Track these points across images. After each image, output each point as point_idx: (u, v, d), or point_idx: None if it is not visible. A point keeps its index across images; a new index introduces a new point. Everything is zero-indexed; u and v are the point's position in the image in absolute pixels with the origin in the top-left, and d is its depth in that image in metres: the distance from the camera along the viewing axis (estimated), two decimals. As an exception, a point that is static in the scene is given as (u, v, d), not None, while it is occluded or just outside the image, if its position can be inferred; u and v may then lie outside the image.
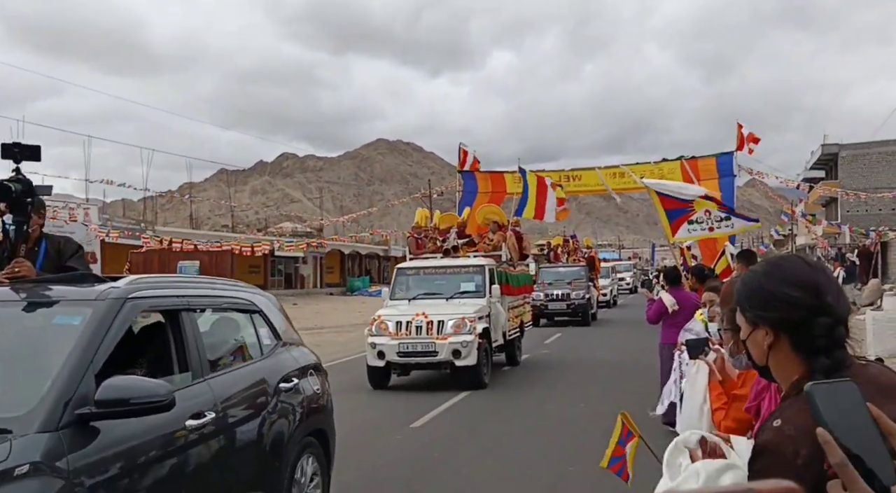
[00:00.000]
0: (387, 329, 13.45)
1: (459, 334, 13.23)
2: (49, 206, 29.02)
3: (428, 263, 15.20)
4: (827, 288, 1.74)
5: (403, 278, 15.02)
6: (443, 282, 14.80)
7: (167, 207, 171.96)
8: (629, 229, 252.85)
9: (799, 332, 1.73)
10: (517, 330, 16.47)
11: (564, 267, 28.35)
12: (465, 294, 14.50)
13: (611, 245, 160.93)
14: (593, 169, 19.96)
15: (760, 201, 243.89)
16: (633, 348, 18.11)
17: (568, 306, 26.02)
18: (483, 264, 14.79)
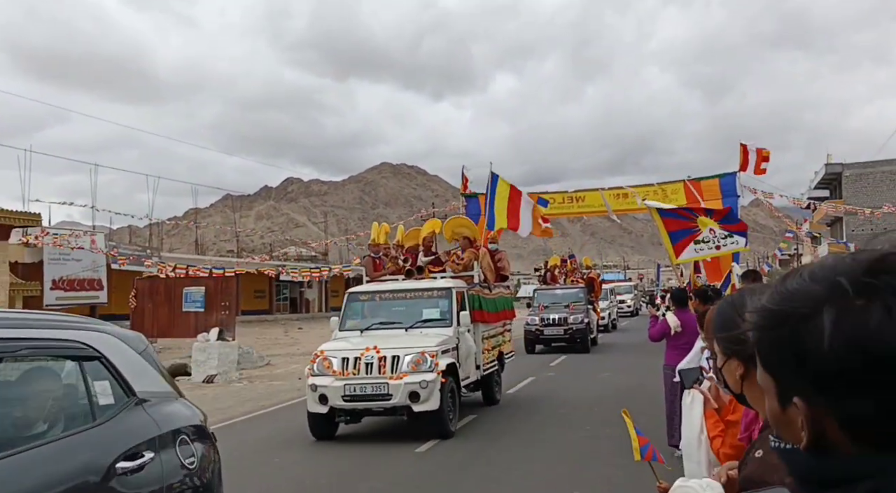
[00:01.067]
0: (330, 367, 11.06)
1: (418, 371, 10.84)
2: (56, 234, 26.96)
3: (384, 286, 12.74)
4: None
5: (355, 305, 12.63)
6: (402, 309, 12.43)
7: (173, 233, 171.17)
8: (634, 250, 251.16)
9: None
10: (494, 363, 13.99)
11: (562, 289, 25.91)
12: (428, 323, 12.20)
13: (616, 266, 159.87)
14: (597, 190, 19.74)
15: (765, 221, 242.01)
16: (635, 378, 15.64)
17: (565, 332, 23.58)
18: (449, 287, 12.39)
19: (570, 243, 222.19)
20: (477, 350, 13.22)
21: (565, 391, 15.55)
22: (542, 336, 23.81)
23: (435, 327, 12.04)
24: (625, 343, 27.45)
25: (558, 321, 23.63)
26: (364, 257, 14.59)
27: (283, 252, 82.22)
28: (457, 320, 12.14)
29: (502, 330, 15.08)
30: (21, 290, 28.64)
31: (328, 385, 10.98)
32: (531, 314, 24.58)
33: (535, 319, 23.91)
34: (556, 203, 20.04)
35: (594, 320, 25.99)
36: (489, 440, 11.02)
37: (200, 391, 17.81)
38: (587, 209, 20.58)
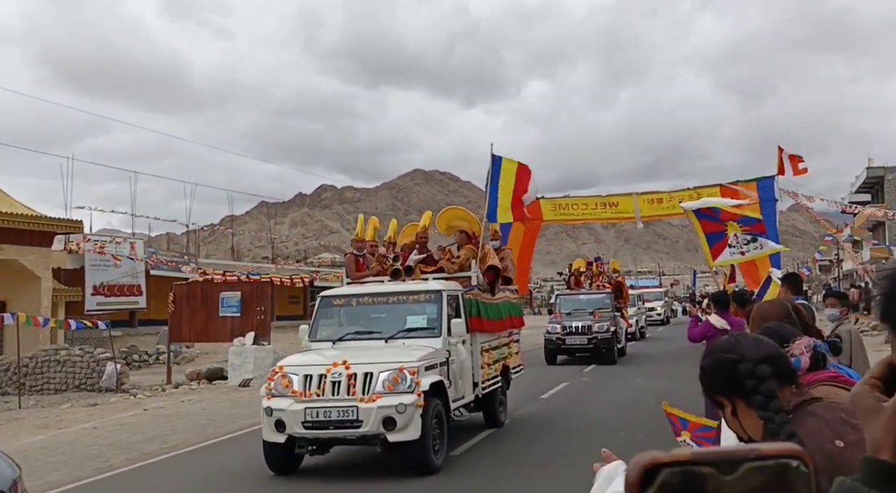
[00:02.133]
0: (290, 387, 9.07)
1: (395, 392, 8.87)
2: (97, 240, 27.61)
3: (363, 289, 10.73)
4: (742, 346, 1.97)
5: (328, 312, 10.70)
6: (382, 316, 10.49)
7: (209, 239, 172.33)
8: (669, 256, 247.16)
9: (739, 388, 1.91)
10: (497, 380, 11.90)
11: (586, 294, 23.62)
12: (412, 333, 10.27)
13: (651, 272, 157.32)
14: (630, 195, 19.24)
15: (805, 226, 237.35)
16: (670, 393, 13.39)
17: (589, 341, 21.33)
18: (439, 290, 10.41)
19: (605, 250, 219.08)
20: (475, 365, 11.17)
21: (581, 412, 13.41)
22: (563, 346, 21.63)
23: (420, 338, 10.11)
24: (656, 353, 25.11)
25: (581, 329, 21.44)
26: (346, 254, 12.55)
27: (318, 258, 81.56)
28: (447, 329, 10.10)
29: (508, 341, 13.00)
30: (63, 295, 29.07)
31: (286, 409, 9.06)
32: (552, 322, 22.44)
33: (556, 327, 21.73)
34: (589, 208, 19.89)
35: (622, 328, 23.71)
36: (485, 474, 8.99)
37: (237, 395, 17.90)
38: (621, 215, 19.97)
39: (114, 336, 23.32)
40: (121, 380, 20.46)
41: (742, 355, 1.92)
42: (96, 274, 31.58)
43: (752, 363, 1.90)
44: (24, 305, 24.07)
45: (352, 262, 12.02)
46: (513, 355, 13.24)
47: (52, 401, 18.63)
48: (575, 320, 21.68)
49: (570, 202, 22.07)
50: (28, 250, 25.19)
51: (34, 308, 24.16)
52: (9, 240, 24.40)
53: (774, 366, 1.92)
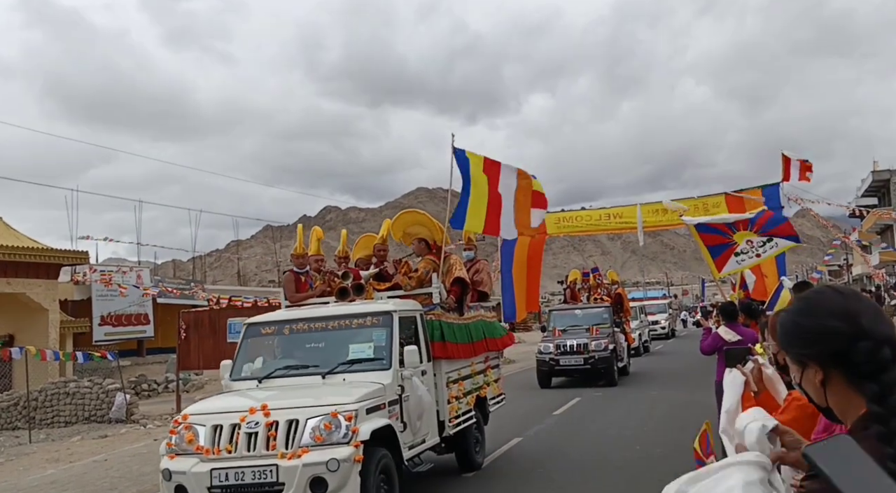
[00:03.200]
0: (195, 441, 7.10)
1: (326, 444, 6.96)
2: (103, 271, 30.10)
3: (298, 314, 8.78)
4: (861, 313, 1.69)
5: (256, 342, 8.79)
6: (320, 346, 8.49)
7: (215, 265, 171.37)
8: (677, 266, 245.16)
9: (845, 362, 1.67)
10: (469, 414, 9.94)
11: (581, 309, 21.53)
12: (355, 365, 8.36)
13: (659, 283, 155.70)
14: (634, 206, 19.09)
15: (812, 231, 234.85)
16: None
17: (586, 361, 19.20)
18: (389, 312, 8.51)
19: (612, 261, 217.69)
20: (439, 399, 9.24)
21: (573, 450, 11.38)
22: (557, 367, 19.50)
23: (366, 371, 8.16)
24: (662, 371, 23.03)
25: (577, 348, 19.33)
26: (285, 272, 10.60)
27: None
28: (395, 360, 8.13)
29: (484, 367, 11.04)
30: (71, 326, 28.97)
31: (188, 471, 7.18)
32: (545, 340, 20.22)
33: (550, 346, 19.60)
34: (594, 220, 19.91)
35: (623, 345, 21.55)
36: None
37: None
38: (625, 226, 19.80)
39: (122, 366, 22.73)
40: (130, 410, 19.88)
41: (863, 328, 1.64)
42: (103, 304, 31.42)
43: (876, 343, 1.63)
44: (31, 337, 24.01)
45: (291, 281, 10.10)
46: (491, 383, 11.27)
47: (62, 434, 18.37)
48: (570, 338, 19.61)
49: (574, 215, 21.72)
50: (35, 282, 25.16)
51: (42, 341, 24.08)
52: (15, 273, 24.48)
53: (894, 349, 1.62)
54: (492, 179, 10.19)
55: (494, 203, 10.20)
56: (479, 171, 10.07)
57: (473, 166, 9.98)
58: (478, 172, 10.04)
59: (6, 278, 24.21)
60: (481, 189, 10.04)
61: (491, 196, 10.16)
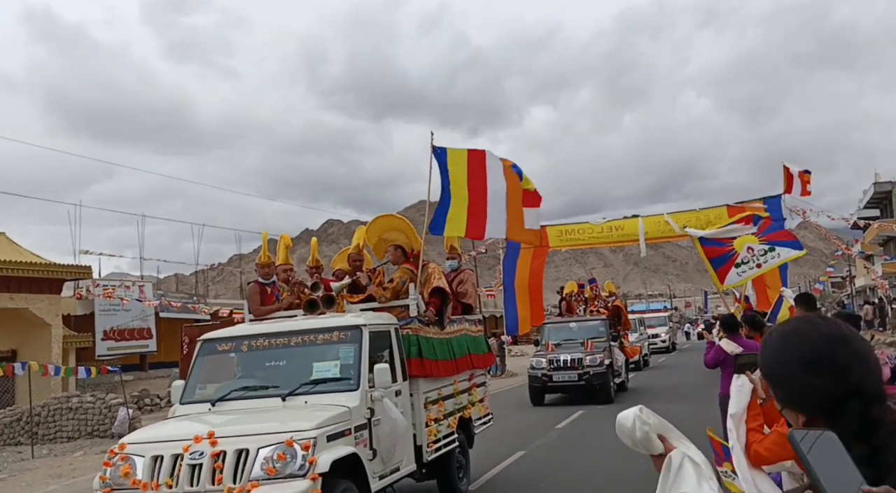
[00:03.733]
0: (131, 474, 6.32)
1: (279, 477, 6.20)
2: (106, 286, 30.48)
3: (258, 328, 7.99)
4: (850, 364, 1.55)
5: (211, 360, 7.93)
6: (281, 364, 7.67)
7: (218, 279, 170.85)
8: (679, 278, 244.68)
9: (831, 416, 1.54)
10: (451, 437, 9.16)
11: (577, 322, 20.51)
12: (320, 386, 7.50)
13: (661, 295, 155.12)
14: (636, 218, 18.90)
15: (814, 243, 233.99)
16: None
17: (580, 377, 18.21)
18: (358, 326, 7.74)
19: (614, 274, 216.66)
20: (416, 422, 8.44)
21: (571, 464, 10.56)
22: (550, 383, 18.54)
23: (331, 392, 7.35)
24: (662, 387, 22.11)
25: (571, 363, 18.35)
26: (249, 283, 9.81)
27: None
28: (367, 379, 7.32)
29: (468, 386, 10.23)
30: (74, 341, 28.97)
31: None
32: (537, 355, 19.28)
33: (542, 361, 18.65)
34: (595, 233, 19.39)
35: (620, 361, 20.61)
36: None
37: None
38: (627, 238, 19.32)
39: (125, 381, 22.86)
40: (133, 425, 19.40)
41: (852, 385, 1.52)
42: (106, 319, 31.58)
43: (866, 402, 1.52)
44: (34, 352, 24.19)
45: (255, 293, 9.31)
46: (476, 403, 10.46)
47: (64, 449, 18.38)
48: (563, 353, 18.63)
49: (576, 228, 21.12)
50: (38, 297, 25.42)
51: (45, 356, 24.13)
52: (19, 288, 24.79)
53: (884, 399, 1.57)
54: (475, 174, 9.37)
55: (478, 201, 9.37)
56: (461, 168, 9.27)
57: (453, 165, 9.19)
58: (458, 170, 9.24)
59: (9, 293, 24.46)
60: (461, 187, 9.24)
61: (473, 194, 9.33)
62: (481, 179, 9.37)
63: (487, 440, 11.65)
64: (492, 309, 72.58)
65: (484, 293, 61.93)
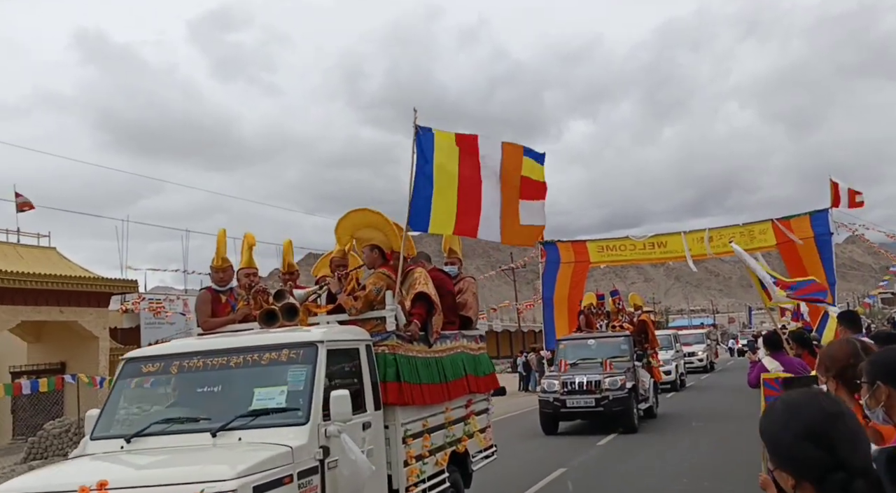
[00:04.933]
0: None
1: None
2: (151, 299, 32.42)
3: (190, 345, 6.56)
4: (841, 440, 1.77)
5: (133, 385, 6.45)
6: (215, 390, 6.20)
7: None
8: (722, 293, 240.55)
9: (819, 483, 1.76)
10: (441, 477, 7.67)
11: (595, 339, 18.40)
12: (260, 418, 6.07)
13: (704, 310, 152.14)
14: (678, 234, 19.53)
15: (863, 258, 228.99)
16: None
17: (597, 402, 16.16)
18: (312, 343, 6.39)
19: (655, 289, 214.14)
20: (393, 461, 6.94)
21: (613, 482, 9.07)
22: (563, 409, 16.51)
23: (273, 426, 5.92)
24: (699, 411, 20.11)
25: (587, 387, 16.32)
26: (201, 290, 8.35)
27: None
28: (320, 410, 5.87)
29: (465, 413, 8.71)
30: (120, 354, 30.99)
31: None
32: (549, 377, 17.34)
33: (554, 383, 16.66)
34: (637, 249, 20.17)
35: (647, 383, 18.64)
36: None
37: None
38: (670, 255, 20.21)
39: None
40: None
41: (839, 459, 1.75)
42: (151, 332, 31.99)
43: (849, 476, 1.75)
44: (82, 365, 25.03)
45: (206, 302, 7.89)
46: (475, 433, 8.89)
47: None
48: (579, 374, 16.64)
49: (618, 243, 21.50)
50: (86, 311, 26.12)
51: (92, 368, 24.99)
52: (68, 302, 25.50)
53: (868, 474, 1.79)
54: (467, 161, 7.88)
55: (470, 192, 7.88)
56: (450, 153, 7.80)
57: (440, 150, 7.70)
58: (447, 156, 7.76)
59: (59, 306, 25.14)
60: (449, 176, 7.75)
61: (465, 184, 7.84)
62: (474, 168, 7.86)
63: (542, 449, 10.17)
64: (530, 324, 70.92)
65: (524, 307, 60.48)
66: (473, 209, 7.96)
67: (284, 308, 7.38)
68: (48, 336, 26.47)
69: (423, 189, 7.67)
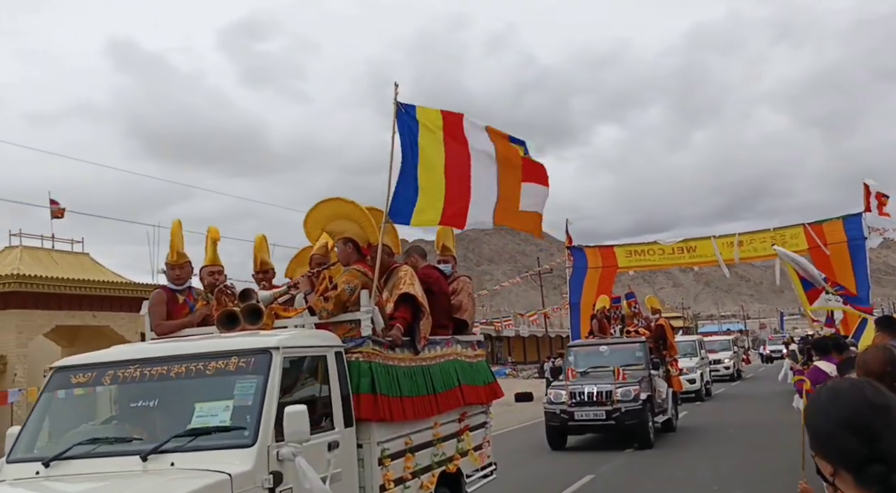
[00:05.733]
0: None
1: None
2: None
3: (127, 352, 5.73)
4: (883, 433, 1.75)
5: (60, 398, 5.60)
6: (150, 405, 5.33)
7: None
8: (753, 298, 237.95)
9: (857, 473, 1.76)
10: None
11: (608, 345, 17.09)
12: (200, 438, 5.18)
13: (734, 316, 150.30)
14: (709, 238, 19.43)
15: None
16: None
17: (608, 414, 14.86)
18: (266, 349, 5.55)
19: (684, 294, 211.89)
20: (367, 485, 6.16)
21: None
22: (571, 422, 15.21)
23: (214, 448, 5.08)
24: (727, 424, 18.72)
25: (597, 398, 15.04)
26: (156, 288, 7.46)
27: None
28: (271, 429, 5.09)
29: (458, 428, 7.75)
30: None
31: None
32: (555, 386, 16.09)
33: (562, 393, 15.39)
34: (667, 254, 19.97)
35: (665, 394, 17.30)
36: None
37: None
38: (700, 259, 20.08)
39: None
40: None
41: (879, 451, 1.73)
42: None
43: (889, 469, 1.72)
44: None
45: (160, 303, 7.07)
46: (469, 451, 7.95)
47: None
48: (588, 383, 15.35)
49: (647, 248, 20.99)
50: (119, 315, 26.76)
51: None
52: (101, 307, 26.15)
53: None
54: (454, 142, 6.99)
55: (458, 177, 6.94)
56: (434, 132, 6.88)
57: (424, 128, 6.80)
58: (432, 138, 6.86)
59: (92, 311, 25.81)
60: (435, 159, 6.84)
61: (452, 168, 6.93)
62: (463, 149, 6.94)
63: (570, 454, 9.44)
64: (557, 329, 69.92)
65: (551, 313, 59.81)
66: (462, 196, 7.04)
67: (247, 310, 6.51)
68: (81, 341, 26.43)
69: (405, 175, 6.76)
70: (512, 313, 79.50)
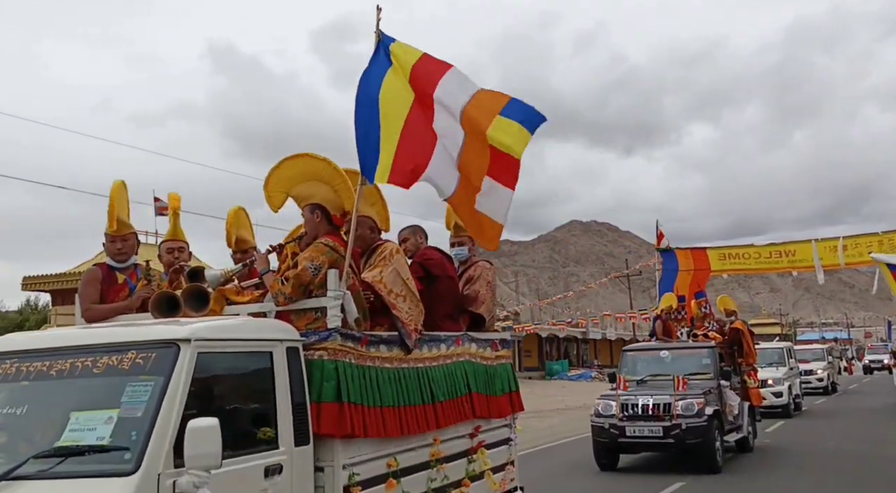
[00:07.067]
0: None
1: None
2: None
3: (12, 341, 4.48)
4: None
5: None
6: (18, 412, 4.22)
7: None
8: (858, 306, 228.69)
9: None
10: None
11: (671, 350, 15.03)
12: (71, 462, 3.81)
13: (836, 324, 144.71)
14: (809, 242, 18.99)
15: None
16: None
17: (666, 431, 12.85)
18: (172, 341, 4.28)
19: (782, 300, 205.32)
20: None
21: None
22: (622, 439, 13.23)
23: (88, 476, 3.76)
24: (813, 443, 16.57)
25: (653, 410, 13.06)
26: (94, 265, 6.18)
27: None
28: (168, 450, 3.86)
29: (469, 446, 6.30)
30: None
31: None
32: (604, 397, 13.99)
33: (611, 405, 13.48)
34: (763, 258, 19.67)
35: (738, 408, 15.07)
36: None
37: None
38: (798, 264, 19.47)
39: None
40: None
41: None
42: None
43: None
44: None
45: (94, 281, 5.83)
46: (486, 472, 6.46)
47: None
48: (643, 394, 13.40)
49: (741, 251, 20.67)
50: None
51: None
52: None
53: None
54: (426, 89, 5.48)
55: (418, 131, 5.44)
56: (405, 75, 5.41)
57: (397, 70, 5.38)
58: (401, 81, 5.38)
59: None
60: (400, 106, 5.35)
61: (415, 119, 5.42)
62: (430, 101, 5.43)
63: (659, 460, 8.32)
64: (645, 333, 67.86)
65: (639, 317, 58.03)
66: (419, 152, 5.47)
67: (188, 293, 5.23)
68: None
69: (367, 123, 5.30)
70: (599, 314, 77.94)
